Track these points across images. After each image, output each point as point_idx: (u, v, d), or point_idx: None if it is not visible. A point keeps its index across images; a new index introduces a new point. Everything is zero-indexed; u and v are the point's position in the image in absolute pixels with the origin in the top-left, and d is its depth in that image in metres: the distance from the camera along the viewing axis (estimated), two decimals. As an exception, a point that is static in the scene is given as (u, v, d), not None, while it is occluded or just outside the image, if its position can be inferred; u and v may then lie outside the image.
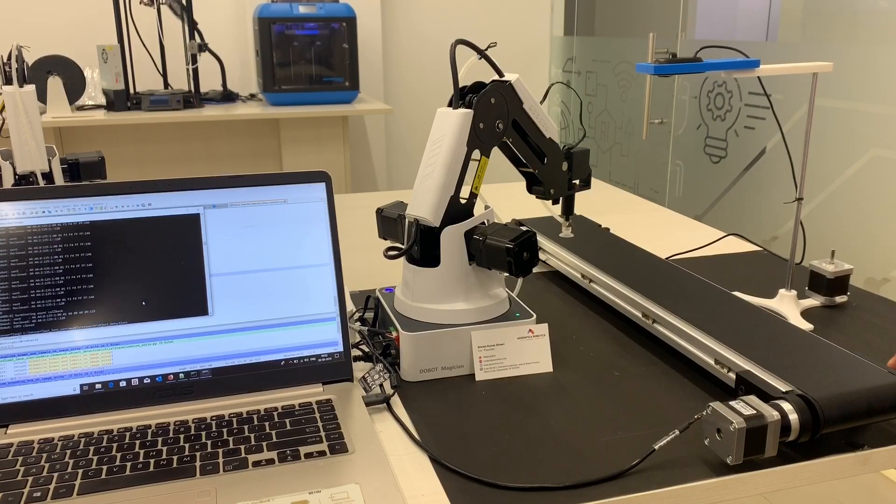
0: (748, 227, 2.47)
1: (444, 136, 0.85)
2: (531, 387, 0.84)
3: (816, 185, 2.16)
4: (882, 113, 1.96)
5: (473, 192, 0.89)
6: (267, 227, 0.82)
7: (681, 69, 0.94)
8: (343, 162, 2.93)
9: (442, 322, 0.85)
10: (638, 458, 0.68)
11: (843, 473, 0.70)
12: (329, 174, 0.85)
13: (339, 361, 0.83)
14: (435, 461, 0.70)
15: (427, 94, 3.63)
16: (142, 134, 2.87)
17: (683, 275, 1.02)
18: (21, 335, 0.74)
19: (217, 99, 3.00)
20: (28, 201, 0.75)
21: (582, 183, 0.99)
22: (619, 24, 3.38)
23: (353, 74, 2.94)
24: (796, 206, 1.01)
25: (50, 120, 2.57)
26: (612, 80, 3.26)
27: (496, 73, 0.88)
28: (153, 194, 0.79)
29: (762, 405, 0.67)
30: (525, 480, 0.66)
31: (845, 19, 2.07)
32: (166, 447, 0.70)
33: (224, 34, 3.25)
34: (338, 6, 2.89)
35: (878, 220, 1.99)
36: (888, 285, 1.97)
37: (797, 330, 0.86)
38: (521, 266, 0.83)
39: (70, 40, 3.00)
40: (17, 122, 1.09)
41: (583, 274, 1.09)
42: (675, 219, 1.55)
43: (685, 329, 0.87)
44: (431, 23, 3.58)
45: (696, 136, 2.71)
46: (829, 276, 1.04)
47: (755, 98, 2.40)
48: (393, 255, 0.86)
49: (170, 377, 0.78)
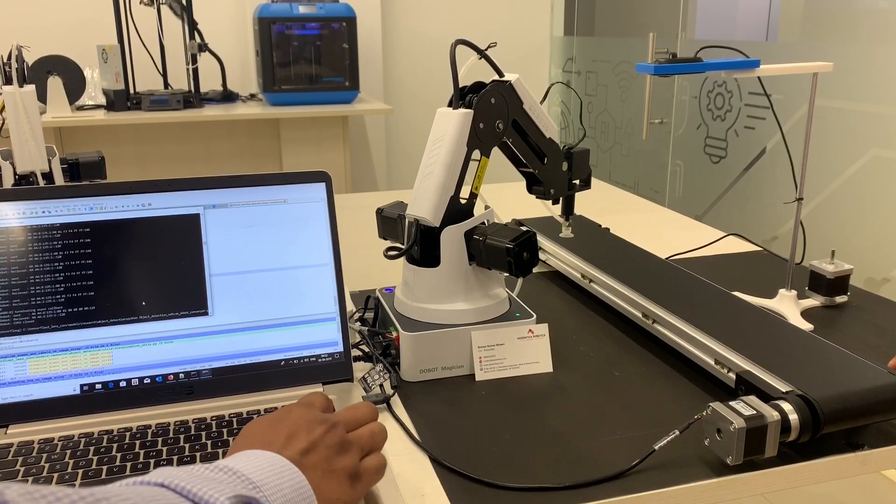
0: (748, 227, 2.47)
1: (444, 136, 0.85)
2: (531, 387, 0.84)
3: (816, 185, 2.16)
4: (882, 113, 1.96)
5: (473, 192, 0.89)
6: (267, 227, 0.82)
7: (681, 69, 0.94)
8: (343, 162, 2.93)
9: (442, 322, 0.85)
10: (638, 458, 0.68)
11: (843, 473, 0.70)
12: (329, 174, 0.85)
13: (339, 361, 0.83)
14: (435, 461, 0.70)
15: (427, 94, 3.63)
16: (142, 134, 2.87)
17: (683, 275, 1.02)
18: (21, 335, 0.74)
19: (217, 99, 3.00)
20: (28, 201, 0.75)
21: (582, 183, 0.99)
22: (619, 24, 3.38)
23: (353, 74, 2.93)
24: (796, 206, 1.01)
25: (50, 120, 2.57)
26: (612, 80, 3.26)
27: (496, 73, 0.88)
28: (153, 194, 0.79)
29: (762, 405, 0.67)
30: (525, 480, 0.66)
31: (845, 19, 2.07)
32: (166, 447, 0.70)
33: (224, 34, 3.25)
34: (338, 6, 2.89)
35: (878, 220, 1.99)
36: (888, 285, 1.97)
37: (797, 330, 0.86)
38: (521, 266, 0.83)
39: (70, 40, 3.00)
40: (17, 122, 1.09)
41: (583, 274, 1.09)
42: (675, 219, 1.55)
43: (685, 329, 0.87)
44: (431, 23, 3.58)
45: (696, 136, 2.71)
46: (829, 276, 1.04)
47: (755, 98, 2.40)
48: (393, 255, 0.86)
49: (170, 377, 0.78)
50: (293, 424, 0.57)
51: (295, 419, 0.58)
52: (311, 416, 0.59)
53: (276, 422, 0.58)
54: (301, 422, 0.57)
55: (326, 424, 0.58)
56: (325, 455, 0.56)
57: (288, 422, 0.57)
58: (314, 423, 0.58)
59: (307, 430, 0.57)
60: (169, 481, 0.46)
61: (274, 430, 0.57)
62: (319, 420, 0.58)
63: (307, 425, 0.57)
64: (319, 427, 0.57)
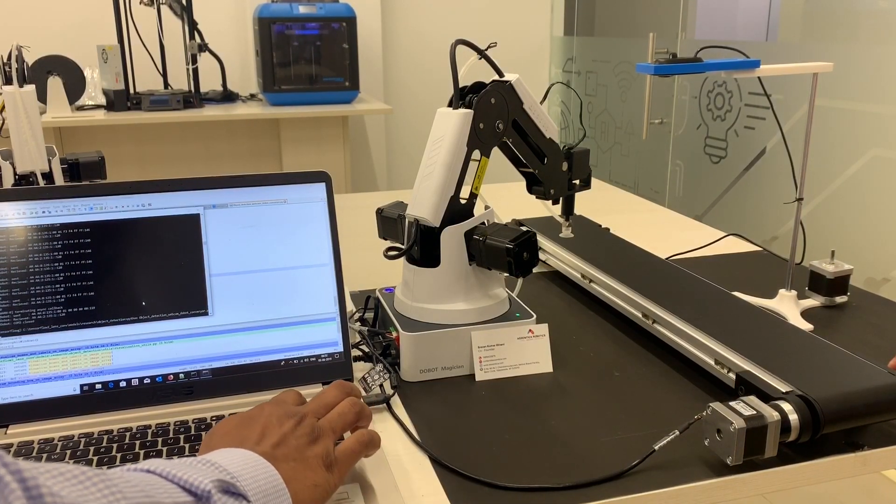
0: (748, 227, 2.47)
1: (444, 136, 0.85)
2: (531, 387, 0.84)
3: (816, 185, 2.16)
4: (882, 113, 1.96)
5: (473, 192, 0.89)
6: (267, 227, 0.82)
7: (681, 69, 0.94)
8: (343, 162, 2.93)
9: (442, 322, 0.85)
10: (638, 458, 0.68)
11: (843, 473, 0.70)
12: (329, 174, 0.85)
13: (339, 362, 0.83)
14: (435, 461, 0.70)
15: (427, 94, 3.63)
16: (142, 134, 2.87)
17: (683, 275, 1.02)
18: (21, 335, 0.74)
19: (217, 99, 3.00)
20: (28, 201, 0.75)
21: (582, 183, 0.99)
22: (619, 24, 3.38)
23: (353, 74, 2.93)
24: (796, 206, 1.01)
25: (50, 120, 2.57)
26: (612, 80, 3.26)
27: (496, 73, 0.88)
28: (153, 194, 0.79)
29: (762, 405, 0.67)
30: (525, 480, 0.66)
31: (845, 19, 2.07)
32: (166, 447, 0.70)
33: (224, 34, 3.25)
34: (338, 6, 2.89)
35: (878, 220, 1.99)
36: (888, 285, 1.97)
37: (797, 330, 0.86)
38: (521, 266, 0.83)
39: (70, 40, 3.00)
40: (17, 122, 1.09)
41: (583, 274, 1.09)
42: (675, 219, 1.55)
43: (685, 329, 0.87)
44: (431, 23, 3.58)
45: (696, 136, 2.71)
46: (829, 276, 1.04)
47: (755, 98, 2.40)
48: (393, 256, 0.86)
49: (170, 377, 0.78)
50: (265, 421, 0.60)
51: (266, 416, 0.60)
52: (281, 411, 0.61)
53: (248, 420, 0.60)
54: (272, 418, 0.60)
55: (296, 417, 0.60)
56: (295, 446, 0.58)
57: (260, 419, 0.60)
58: (284, 417, 0.60)
59: (278, 425, 0.59)
60: (155, 468, 0.49)
61: (247, 428, 0.59)
62: (289, 414, 0.61)
63: (277, 420, 0.60)
64: (289, 421, 0.60)
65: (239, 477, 0.52)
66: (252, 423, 0.60)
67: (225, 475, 0.51)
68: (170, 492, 0.47)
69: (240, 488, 0.51)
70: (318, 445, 0.59)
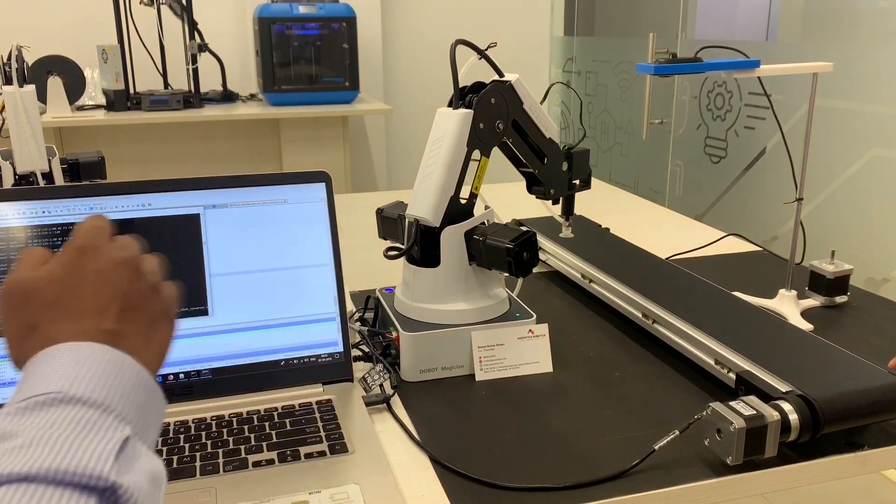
0: (748, 227, 2.47)
1: (444, 136, 0.85)
2: (531, 387, 0.84)
3: (816, 185, 2.16)
4: (882, 113, 1.96)
5: (473, 192, 0.89)
6: (267, 227, 0.82)
7: (681, 69, 0.94)
8: (343, 162, 2.93)
9: (442, 322, 0.85)
10: (638, 458, 0.68)
11: (843, 473, 0.70)
12: (329, 174, 0.85)
13: (339, 361, 0.83)
14: (435, 461, 0.70)
15: (427, 94, 3.63)
16: (142, 134, 2.87)
17: (683, 275, 1.02)
18: (21, 335, 0.74)
19: (217, 99, 3.00)
20: (28, 201, 0.75)
21: (582, 183, 0.99)
22: (619, 24, 3.38)
23: (353, 74, 2.93)
24: (796, 206, 1.01)
25: (50, 120, 2.57)
26: (612, 80, 3.26)
27: (496, 73, 0.88)
28: (153, 194, 0.79)
29: (762, 405, 0.67)
30: (525, 480, 0.66)
31: (845, 19, 2.07)
32: (166, 447, 0.70)
33: (224, 34, 3.25)
34: (338, 6, 2.89)
35: (878, 220, 1.99)
36: (888, 285, 1.97)
37: (797, 330, 0.86)
38: (521, 266, 0.83)
39: (70, 40, 3.00)
40: (17, 122, 1.09)
41: (583, 274, 1.09)
42: (675, 219, 1.55)
43: (685, 329, 0.87)
44: (431, 23, 3.58)
45: (696, 136, 2.71)
46: (829, 276, 1.04)
47: (755, 98, 2.40)
48: (393, 255, 0.86)
49: (170, 377, 0.78)
50: (96, 277, 0.45)
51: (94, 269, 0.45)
52: (111, 256, 0.46)
53: (72, 276, 0.45)
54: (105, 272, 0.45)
55: (129, 266, 0.46)
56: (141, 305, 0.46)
57: (86, 274, 0.45)
58: (119, 266, 0.46)
59: (114, 280, 0.45)
60: (30, 467, 0.35)
61: (77, 291, 0.44)
62: (119, 261, 0.46)
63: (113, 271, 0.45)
64: (123, 268, 0.46)
65: (115, 407, 0.39)
66: (82, 283, 0.44)
67: (118, 427, 0.38)
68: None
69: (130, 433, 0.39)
70: (158, 299, 0.47)
